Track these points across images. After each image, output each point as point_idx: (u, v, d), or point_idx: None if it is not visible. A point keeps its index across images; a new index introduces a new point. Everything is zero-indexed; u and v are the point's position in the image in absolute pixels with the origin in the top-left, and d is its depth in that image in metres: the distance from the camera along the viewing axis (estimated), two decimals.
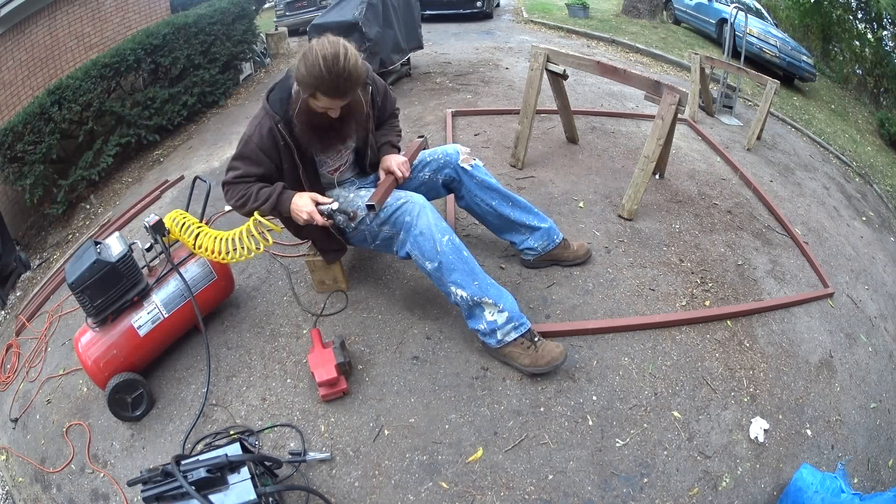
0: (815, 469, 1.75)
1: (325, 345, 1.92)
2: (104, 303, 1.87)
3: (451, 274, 1.78)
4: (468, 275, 1.79)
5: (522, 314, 1.87)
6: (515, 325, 1.84)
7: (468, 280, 1.78)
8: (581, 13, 8.95)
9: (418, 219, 1.78)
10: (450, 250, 1.77)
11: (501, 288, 1.86)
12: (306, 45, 1.61)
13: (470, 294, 1.78)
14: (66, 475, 1.91)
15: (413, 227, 1.79)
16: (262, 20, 7.89)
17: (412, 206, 1.80)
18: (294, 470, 1.68)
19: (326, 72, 1.54)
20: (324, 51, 1.54)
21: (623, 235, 2.69)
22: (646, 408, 1.88)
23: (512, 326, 1.84)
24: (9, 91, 4.52)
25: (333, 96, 1.62)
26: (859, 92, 9.68)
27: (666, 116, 2.63)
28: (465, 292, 1.78)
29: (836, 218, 3.87)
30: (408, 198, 1.82)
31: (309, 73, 1.56)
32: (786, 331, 2.37)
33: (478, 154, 3.43)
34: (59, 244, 4.18)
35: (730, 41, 6.12)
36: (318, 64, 1.53)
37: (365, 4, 4.46)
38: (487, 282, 1.82)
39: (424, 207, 1.80)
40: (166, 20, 5.32)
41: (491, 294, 1.80)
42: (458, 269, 1.78)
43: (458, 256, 1.78)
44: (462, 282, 1.78)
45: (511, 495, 1.63)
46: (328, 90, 1.59)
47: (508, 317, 1.82)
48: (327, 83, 1.57)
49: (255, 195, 1.80)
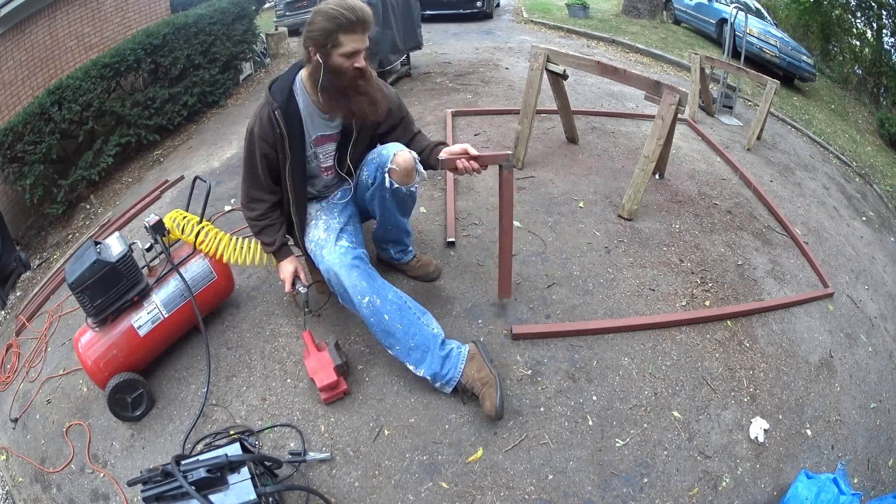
0: (810, 480, 1.73)
1: (318, 347, 1.91)
2: (104, 303, 1.87)
3: (376, 335, 1.81)
4: (389, 336, 1.78)
5: (446, 372, 1.79)
6: (441, 384, 1.82)
7: (390, 341, 1.79)
8: (581, 13, 8.94)
9: (338, 276, 1.76)
10: (369, 313, 1.76)
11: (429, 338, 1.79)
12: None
13: (394, 355, 1.82)
14: (66, 475, 1.91)
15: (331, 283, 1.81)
16: (262, 20, 7.88)
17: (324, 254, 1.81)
18: (294, 470, 1.68)
19: (343, 7, 1.59)
20: (329, 1, 1.61)
21: (623, 235, 2.69)
22: (646, 408, 1.88)
23: (440, 385, 1.82)
24: (9, 91, 4.51)
25: (356, 30, 1.63)
26: (859, 92, 9.68)
27: (666, 116, 2.63)
28: (388, 351, 1.83)
29: (836, 218, 3.87)
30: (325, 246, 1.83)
31: (325, 17, 1.60)
32: (786, 331, 2.38)
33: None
34: (59, 244, 4.18)
35: (730, 41, 6.12)
36: (332, 7, 1.59)
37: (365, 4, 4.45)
38: (409, 345, 1.77)
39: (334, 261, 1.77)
40: (166, 20, 5.31)
41: (411, 360, 1.80)
42: (379, 331, 1.79)
43: (378, 319, 1.76)
44: (384, 342, 1.81)
45: (511, 495, 1.63)
46: (350, 24, 1.61)
47: (432, 378, 1.81)
48: (347, 17, 1.59)
49: (259, 235, 1.99)
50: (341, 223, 1.91)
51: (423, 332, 1.78)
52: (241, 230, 2.82)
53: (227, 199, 3.25)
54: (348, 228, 1.92)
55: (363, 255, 1.84)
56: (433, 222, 2.71)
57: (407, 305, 1.81)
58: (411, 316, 1.79)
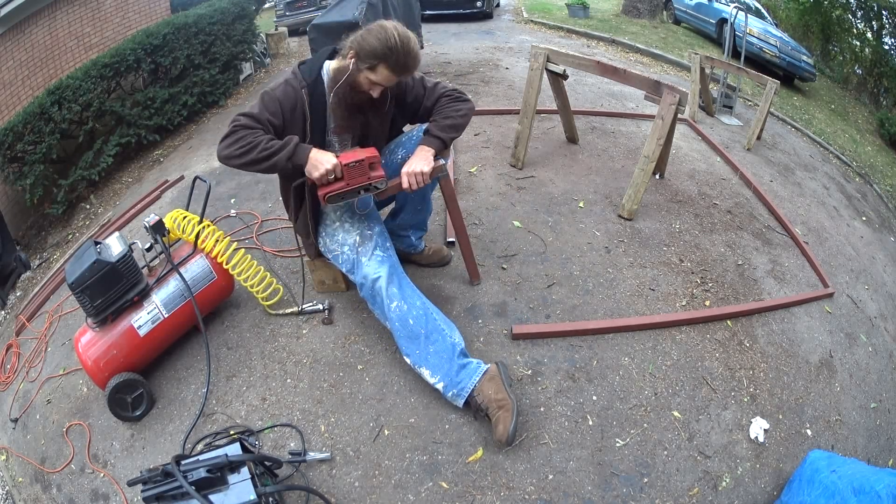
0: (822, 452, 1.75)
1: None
2: (104, 303, 1.87)
3: (398, 340, 1.83)
4: (411, 340, 1.80)
5: (460, 381, 1.75)
6: (453, 394, 1.77)
7: (411, 347, 1.81)
8: (581, 13, 8.94)
9: (369, 282, 1.81)
10: (396, 317, 1.80)
11: (449, 346, 1.79)
12: (370, 24, 1.68)
13: (412, 362, 1.82)
14: (66, 475, 1.91)
15: (366, 292, 1.84)
16: (262, 20, 7.89)
17: (367, 268, 1.82)
18: (294, 470, 1.68)
19: (401, 46, 1.62)
20: (397, 29, 1.64)
21: (623, 235, 2.69)
22: (646, 408, 1.88)
23: (452, 395, 1.78)
24: (9, 91, 4.51)
25: (397, 71, 1.67)
26: (859, 92, 9.67)
27: (666, 116, 2.63)
28: (408, 360, 1.83)
29: (836, 218, 3.87)
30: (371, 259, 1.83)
31: (382, 44, 1.62)
32: (786, 331, 2.38)
33: (478, 154, 3.44)
34: (59, 244, 4.18)
35: (730, 41, 6.12)
36: (394, 38, 1.62)
37: (365, 4, 4.46)
38: (428, 350, 1.78)
39: (381, 275, 1.80)
40: (166, 20, 5.31)
41: (428, 365, 1.79)
42: (402, 335, 1.81)
43: (403, 324, 1.80)
44: (404, 349, 1.82)
45: (511, 495, 1.63)
46: (395, 64, 1.65)
47: (445, 387, 1.78)
48: (397, 57, 1.63)
49: (265, 143, 1.63)
50: (374, 230, 1.91)
51: (444, 340, 1.79)
52: (241, 231, 2.82)
53: (228, 199, 3.25)
54: (383, 234, 1.94)
55: (397, 261, 1.89)
56: (433, 222, 2.70)
57: (433, 315, 1.83)
58: (434, 324, 1.81)
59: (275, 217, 2.93)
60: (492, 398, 1.71)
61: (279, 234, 2.78)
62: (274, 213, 2.98)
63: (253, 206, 3.09)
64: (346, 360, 2.02)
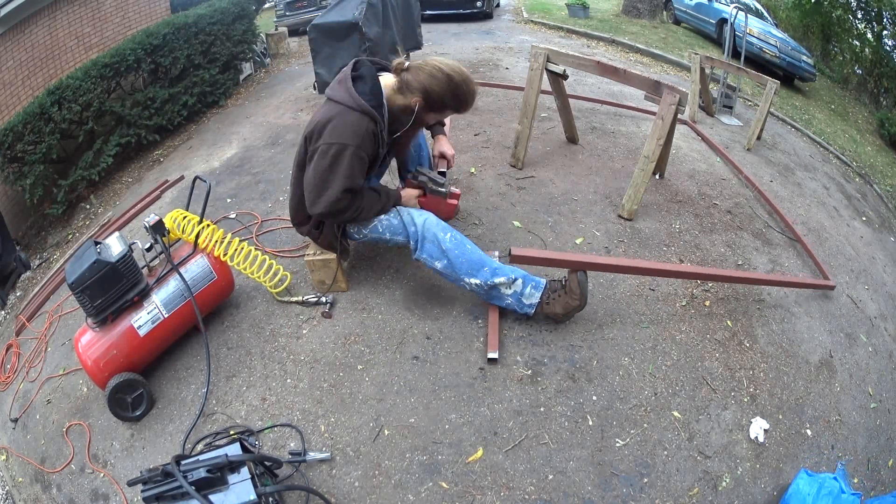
0: (811, 478, 1.73)
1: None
2: (104, 303, 1.87)
3: (461, 267, 1.95)
4: (475, 264, 1.95)
5: (534, 276, 2.02)
6: (533, 285, 1.99)
7: (477, 268, 1.95)
8: (581, 13, 8.94)
9: (423, 228, 1.97)
10: (454, 246, 1.95)
11: (505, 265, 2.01)
12: (425, 63, 1.87)
13: (482, 280, 1.96)
14: (66, 475, 1.91)
15: (420, 237, 1.98)
16: (262, 20, 7.89)
17: (416, 217, 2.00)
18: (294, 470, 1.68)
19: (468, 93, 1.87)
20: (462, 75, 1.85)
21: (623, 235, 2.69)
22: (646, 408, 1.88)
23: (531, 288, 1.99)
24: (9, 91, 4.51)
25: (460, 112, 1.96)
26: (859, 92, 9.67)
27: (666, 116, 2.63)
28: (477, 280, 1.96)
29: (836, 218, 3.86)
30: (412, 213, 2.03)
31: (451, 93, 1.85)
32: (786, 331, 2.37)
33: (478, 154, 3.44)
34: (59, 244, 4.18)
35: (730, 41, 6.12)
36: (462, 87, 1.85)
37: (365, 4, 4.46)
38: (494, 264, 1.97)
39: (427, 217, 2.00)
40: (166, 20, 5.31)
41: (500, 272, 1.96)
42: (465, 260, 1.95)
43: (462, 250, 1.95)
44: (472, 271, 1.95)
45: (511, 495, 1.63)
46: (460, 107, 1.92)
47: (522, 282, 1.98)
48: (466, 104, 1.90)
49: (370, 205, 1.97)
50: None
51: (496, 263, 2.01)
52: (240, 231, 2.83)
53: (227, 199, 3.25)
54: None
55: None
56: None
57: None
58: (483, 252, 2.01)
59: (275, 217, 2.93)
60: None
61: (279, 235, 2.78)
62: (274, 213, 2.99)
63: (253, 207, 3.09)
64: (346, 360, 2.02)
